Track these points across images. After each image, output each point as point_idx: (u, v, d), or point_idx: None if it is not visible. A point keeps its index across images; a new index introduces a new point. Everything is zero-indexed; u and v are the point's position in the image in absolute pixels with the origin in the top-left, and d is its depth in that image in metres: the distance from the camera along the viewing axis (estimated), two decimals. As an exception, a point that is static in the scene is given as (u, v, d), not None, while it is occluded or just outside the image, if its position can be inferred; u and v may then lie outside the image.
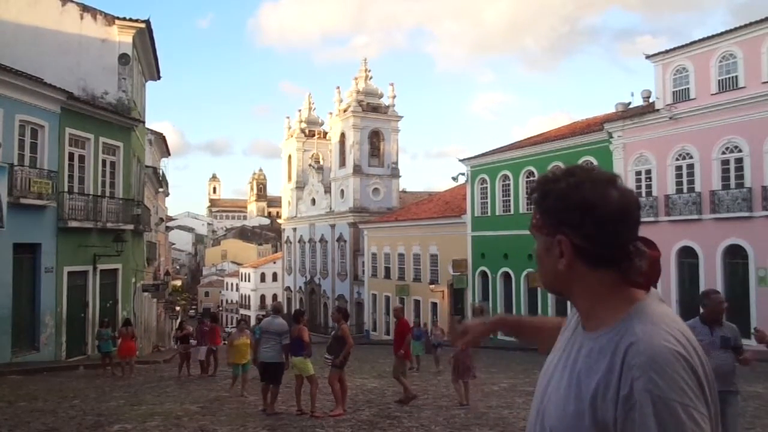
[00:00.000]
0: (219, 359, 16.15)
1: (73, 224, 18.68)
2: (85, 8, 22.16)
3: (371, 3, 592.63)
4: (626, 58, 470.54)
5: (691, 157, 23.07)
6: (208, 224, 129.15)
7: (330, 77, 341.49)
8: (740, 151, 21.52)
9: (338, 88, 52.78)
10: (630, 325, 1.26)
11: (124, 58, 22.06)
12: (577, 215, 1.31)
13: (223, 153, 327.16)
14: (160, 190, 38.76)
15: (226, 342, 15.82)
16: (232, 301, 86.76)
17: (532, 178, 29.99)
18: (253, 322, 44.57)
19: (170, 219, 75.35)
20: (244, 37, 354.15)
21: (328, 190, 52.43)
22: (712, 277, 21.93)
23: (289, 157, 60.65)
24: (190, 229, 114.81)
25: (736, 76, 21.71)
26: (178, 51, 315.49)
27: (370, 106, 49.68)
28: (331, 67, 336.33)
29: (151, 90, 29.50)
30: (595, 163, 26.76)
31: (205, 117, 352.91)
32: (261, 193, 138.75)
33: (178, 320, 39.91)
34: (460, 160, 34.63)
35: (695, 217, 22.54)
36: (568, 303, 1.53)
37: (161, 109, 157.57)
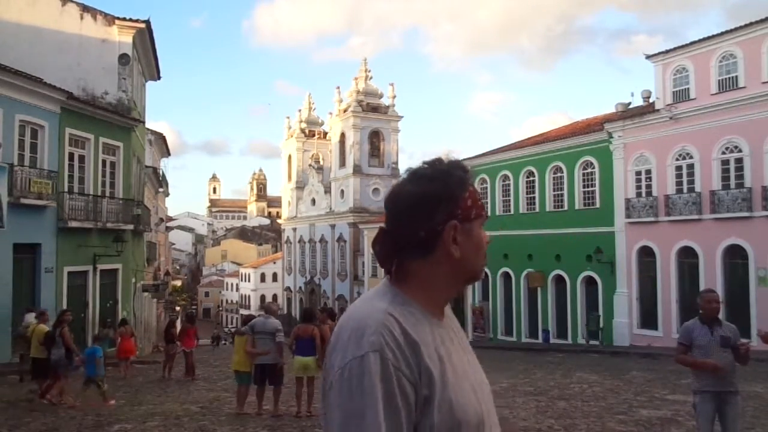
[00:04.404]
0: (195, 362, 15.72)
1: (73, 224, 18.67)
2: (85, 8, 22.16)
3: (366, 3, 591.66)
4: (622, 57, 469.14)
5: (691, 157, 23.06)
6: (208, 224, 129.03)
7: (327, 77, 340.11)
8: (740, 151, 21.52)
9: (338, 88, 52.88)
10: None
11: (124, 58, 22.06)
12: None
13: (221, 153, 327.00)
14: (160, 190, 38.76)
15: (226, 343, 15.61)
16: (232, 301, 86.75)
17: (532, 178, 29.99)
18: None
19: (170, 219, 75.33)
20: (239, 37, 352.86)
21: (328, 190, 52.44)
22: (712, 277, 21.92)
23: (289, 157, 60.66)
24: (190, 229, 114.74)
25: (736, 76, 21.70)
26: (173, 50, 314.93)
27: (370, 106, 49.69)
28: (327, 67, 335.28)
29: (149, 90, 29.54)
30: (596, 163, 26.81)
31: (201, 117, 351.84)
32: (261, 193, 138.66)
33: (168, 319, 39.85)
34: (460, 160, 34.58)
35: (695, 217, 22.53)
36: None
37: (158, 108, 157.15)
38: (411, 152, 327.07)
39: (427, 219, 1.33)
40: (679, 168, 23.56)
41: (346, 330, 1.29)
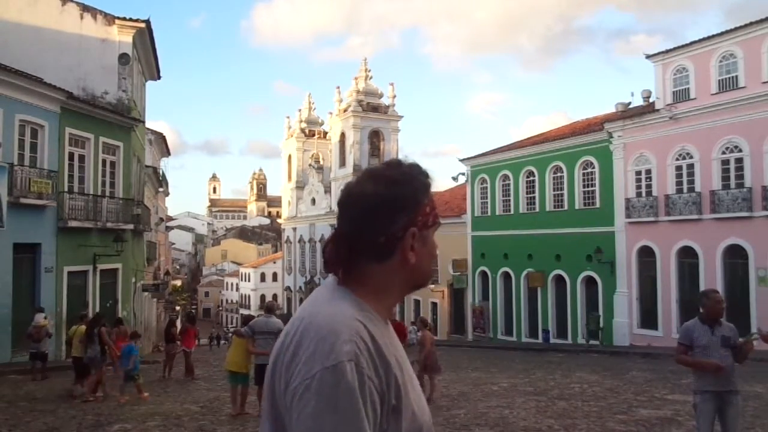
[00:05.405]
0: (193, 363, 15.69)
1: (73, 224, 18.68)
2: (85, 8, 22.17)
3: (365, 3, 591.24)
4: (621, 57, 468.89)
5: (691, 157, 23.06)
6: (208, 224, 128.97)
7: (326, 77, 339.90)
8: (740, 151, 21.52)
9: (338, 88, 52.85)
10: None
11: (124, 58, 22.06)
12: None
13: (221, 153, 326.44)
14: (160, 189, 38.76)
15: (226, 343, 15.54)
16: (232, 301, 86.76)
17: (532, 178, 30.00)
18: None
19: (170, 219, 75.36)
20: (238, 37, 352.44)
21: (328, 190, 52.44)
22: (712, 277, 21.92)
23: (289, 156, 60.65)
24: (190, 229, 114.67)
25: (736, 76, 21.71)
26: (173, 50, 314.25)
27: (370, 105, 49.70)
28: (326, 67, 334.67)
29: (149, 89, 29.54)
30: (596, 163, 26.80)
31: (201, 117, 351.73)
32: (261, 192, 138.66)
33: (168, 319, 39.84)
34: (460, 160, 34.62)
35: (695, 217, 22.54)
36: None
37: (158, 108, 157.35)
38: (411, 152, 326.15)
39: (389, 224, 1.29)
40: (679, 168, 23.56)
41: (310, 335, 1.19)
